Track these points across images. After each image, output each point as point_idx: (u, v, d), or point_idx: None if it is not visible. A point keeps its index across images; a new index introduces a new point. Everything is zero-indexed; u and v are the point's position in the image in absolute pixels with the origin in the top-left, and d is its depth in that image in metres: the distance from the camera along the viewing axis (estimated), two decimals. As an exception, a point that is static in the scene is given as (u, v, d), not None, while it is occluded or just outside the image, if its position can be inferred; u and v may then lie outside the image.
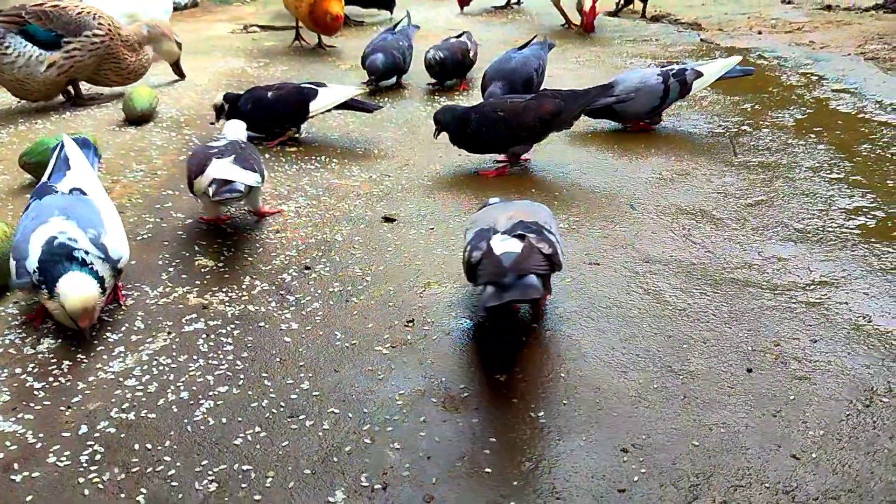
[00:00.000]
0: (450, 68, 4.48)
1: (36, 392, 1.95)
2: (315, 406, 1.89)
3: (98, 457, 1.73)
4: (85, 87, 4.37)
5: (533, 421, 1.82)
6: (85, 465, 1.71)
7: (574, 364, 2.03)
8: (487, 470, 1.68)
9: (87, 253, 2.12)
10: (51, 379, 2.00)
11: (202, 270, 2.54)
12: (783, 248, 2.63)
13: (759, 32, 5.84)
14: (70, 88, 4.23)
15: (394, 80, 4.60)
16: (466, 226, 2.27)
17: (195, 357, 2.09)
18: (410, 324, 2.24)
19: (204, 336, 2.18)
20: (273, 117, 3.62)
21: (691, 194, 3.06)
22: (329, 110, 3.68)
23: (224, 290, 2.43)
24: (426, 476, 1.66)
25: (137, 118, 3.94)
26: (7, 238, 2.40)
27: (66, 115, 4.12)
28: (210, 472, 1.68)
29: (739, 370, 2.00)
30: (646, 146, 3.57)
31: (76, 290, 2.04)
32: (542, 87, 3.94)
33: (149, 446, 1.76)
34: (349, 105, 3.71)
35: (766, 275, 2.47)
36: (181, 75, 4.73)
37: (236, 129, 3.04)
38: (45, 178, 2.48)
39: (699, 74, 3.66)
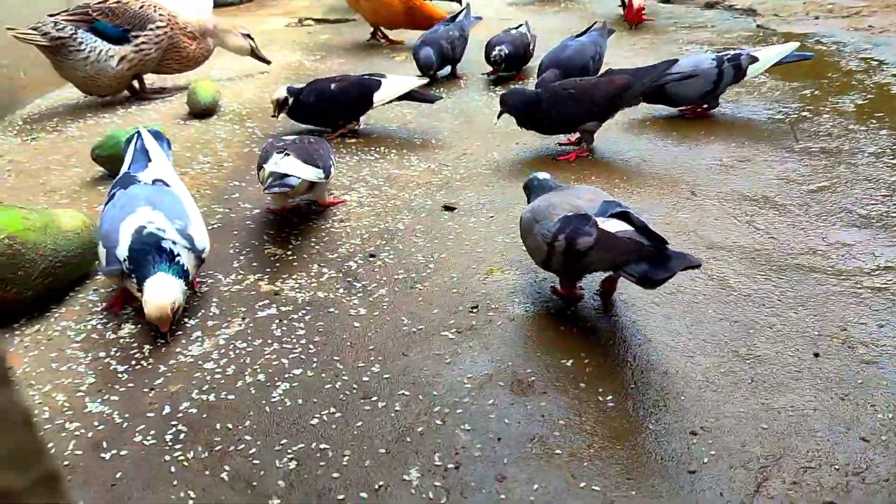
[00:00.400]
0: (514, 62, 4.50)
1: (120, 375, 2.05)
2: (386, 388, 1.95)
3: (182, 436, 1.82)
4: (148, 80, 4.51)
5: (601, 404, 1.85)
6: (170, 443, 1.79)
7: (640, 349, 2.05)
8: (557, 451, 1.71)
9: (174, 243, 2.19)
10: (133, 362, 2.10)
11: (272, 259, 2.62)
12: (847, 234, 2.60)
13: (816, 17, 5.72)
14: (135, 83, 4.37)
15: (448, 70, 4.63)
16: (530, 215, 2.27)
17: (269, 341, 2.16)
18: (475, 310, 2.28)
19: (277, 321, 2.26)
20: (336, 109, 3.67)
21: (753, 181, 3.04)
22: (390, 101, 3.73)
23: (294, 277, 2.50)
24: (497, 456, 1.71)
25: (201, 112, 4.06)
26: (86, 228, 2.50)
27: (132, 109, 4.26)
28: (290, 451, 1.75)
29: (806, 355, 2.00)
30: (705, 133, 3.55)
31: (158, 296, 2.10)
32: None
33: (229, 426, 1.84)
34: (410, 96, 3.74)
35: (831, 260, 2.45)
36: (265, 61, 4.79)
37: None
38: (125, 168, 2.56)
39: (754, 59, 3.61)
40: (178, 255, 2.18)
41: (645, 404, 1.85)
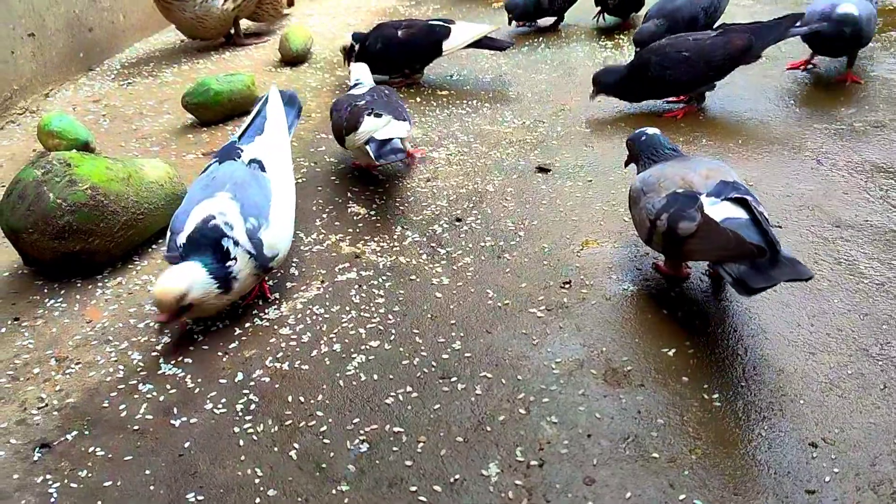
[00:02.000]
0: (624, 6, 4.17)
1: (196, 336, 1.99)
2: (467, 369, 1.81)
3: (252, 406, 1.74)
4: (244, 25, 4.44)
5: (706, 403, 1.65)
6: (240, 414, 1.72)
7: (753, 341, 1.82)
8: (654, 455, 1.53)
9: (236, 244, 1.93)
10: (209, 322, 2.03)
11: (354, 218, 2.51)
12: None
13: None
14: (232, 28, 4.31)
15: (547, 21, 4.33)
16: (639, 185, 2.04)
17: (347, 308, 2.05)
18: (567, 285, 2.10)
19: (356, 287, 2.15)
20: (404, 57, 3.49)
21: (889, 150, 2.69)
22: (462, 48, 3.50)
23: (376, 239, 2.38)
24: (586, 455, 1.54)
25: (293, 59, 3.96)
26: (169, 179, 2.45)
27: (225, 55, 4.21)
28: (362, 432, 1.64)
29: (952, 360, 1.73)
30: (833, 93, 3.18)
31: (169, 280, 1.86)
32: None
33: (301, 399, 1.75)
34: (482, 44, 3.50)
35: (984, 248, 2.13)
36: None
37: (362, 73, 2.94)
38: (236, 136, 2.33)
39: None
40: (234, 258, 1.92)
41: (757, 406, 1.63)
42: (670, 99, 3.18)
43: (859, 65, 3.37)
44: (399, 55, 3.48)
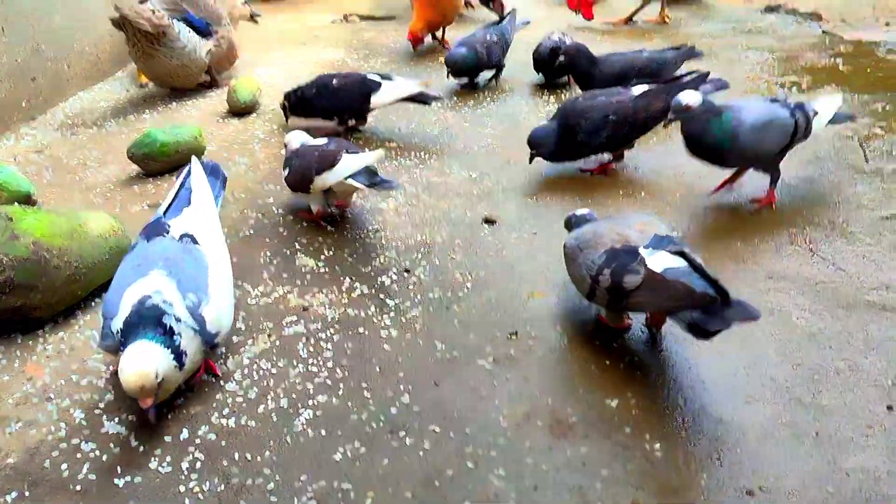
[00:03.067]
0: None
1: (140, 391, 1.95)
2: (416, 422, 1.82)
3: (198, 465, 1.72)
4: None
5: (648, 453, 1.70)
6: (186, 472, 1.69)
7: (692, 391, 1.88)
8: (599, 506, 1.56)
9: (178, 321, 1.81)
10: (154, 378, 2.00)
11: (303, 270, 2.51)
12: (925, 268, 2.39)
13: (887, 24, 5.41)
14: (206, 75, 4.44)
15: (489, 74, 4.42)
16: (574, 242, 2.12)
17: (295, 362, 2.05)
18: (513, 336, 2.14)
19: (304, 340, 2.15)
20: (336, 106, 3.61)
21: (818, 203, 2.83)
22: (392, 103, 3.60)
23: (324, 291, 2.39)
24: (533, 508, 1.57)
25: (241, 110, 3.98)
26: (113, 232, 2.42)
27: (172, 105, 4.20)
28: (310, 489, 1.63)
29: (879, 407, 1.82)
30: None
31: (136, 362, 1.70)
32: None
33: (248, 456, 1.73)
34: (414, 98, 3.60)
35: (907, 298, 2.24)
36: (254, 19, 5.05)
37: (300, 137, 2.96)
38: (161, 211, 2.22)
39: (815, 112, 2.82)
40: (179, 334, 1.80)
41: (697, 456, 1.69)
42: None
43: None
44: (330, 102, 3.60)
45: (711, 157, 2.70)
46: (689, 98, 2.58)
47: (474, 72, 4.36)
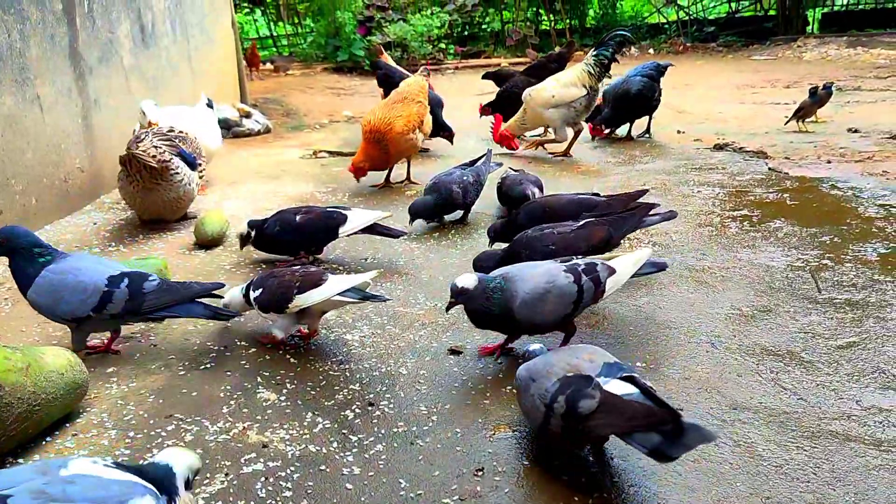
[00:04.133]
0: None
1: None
2: (378, 567, 1.74)
3: None
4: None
5: None
6: None
7: (663, 529, 1.84)
8: None
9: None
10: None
11: (264, 404, 2.46)
12: (883, 398, 2.41)
13: (829, 161, 5.73)
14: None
15: (458, 214, 4.48)
16: (525, 374, 2.14)
17: None
18: (480, 472, 2.09)
19: (263, 479, 2.07)
20: (300, 240, 3.70)
21: (776, 333, 2.88)
22: (355, 233, 3.71)
23: (285, 426, 2.33)
24: None
25: (208, 242, 4.01)
26: (70, 367, 2.37)
27: (139, 237, 4.22)
28: None
29: (851, 542, 1.78)
30: (722, 279, 3.43)
31: None
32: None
33: None
34: (377, 230, 3.73)
35: (868, 427, 2.25)
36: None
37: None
38: None
39: (612, 271, 2.71)
40: None
41: None
42: None
43: (740, 252, 3.68)
44: (295, 238, 3.68)
45: (501, 328, 2.69)
46: (465, 281, 2.62)
47: (440, 214, 4.41)
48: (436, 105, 5.96)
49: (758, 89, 9.45)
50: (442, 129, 6.18)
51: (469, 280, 2.64)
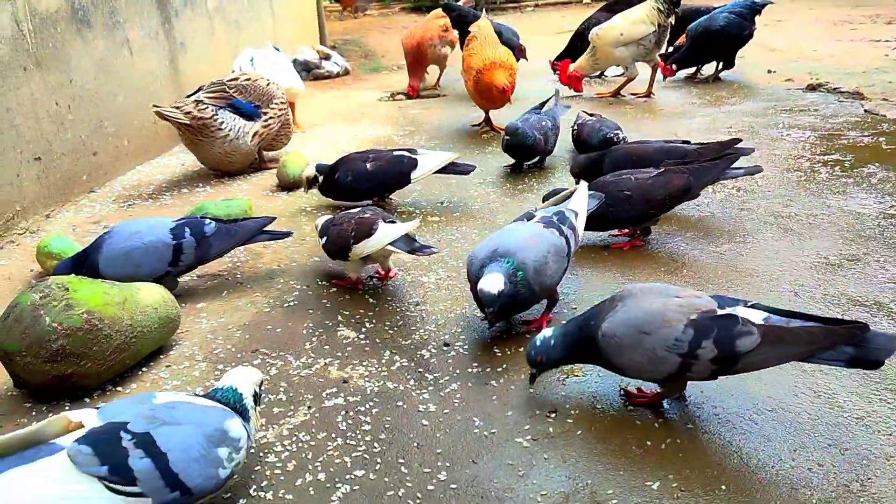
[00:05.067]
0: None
1: (181, 460, 1.98)
2: (452, 500, 1.81)
3: (236, 537, 1.72)
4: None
5: (690, 540, 1.65)
6: (223, 544, 1.70)
7: (736, 475, 1.84)
8: None
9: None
10: (196, 447, 2.03)
11: (344, 342, 2.55)
12: (978, 352, 2.31)
13: (933, 101, 5.39)
14: (256, 156, 4.50)
15: (536, 160, 4.43)
16: (625, 331, 1.99)
17: (334, 435, 2.06)
18: (553, 414, 2.12)
19: (343, 413, 2.16)
20: (373, 188, 3.68)
21: (864, 283, 2.78)
22: (428, 175, 3.69)
23: (364, 363, 2.42)
24: None
25: (290, 184, 4.10)
26: (164, 302, 2.49)
27: (225, 179, 4.36)
28: (344, 566, 1.62)
29: (933, 497, 1.75)
30: (809, 226, 3.32)
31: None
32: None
33: (285, 530, 1.73)
34: (447, 169, 3.71)
35: (959, 382, 2.18)
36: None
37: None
38: None
39: (575, 214, 2.77)
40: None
41: (741, 544, 1.64)
42: (613, 232, 3.30)
43: (829, 198, 3.53)
44: (368, 186, 3.66)
45: (523, 308, 2.56)
46: (494, 284, 2.35)
47: (529, 156, 4.34)
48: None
49: (856, 25, 8.88)
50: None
51: (497, 281, 2.36)
